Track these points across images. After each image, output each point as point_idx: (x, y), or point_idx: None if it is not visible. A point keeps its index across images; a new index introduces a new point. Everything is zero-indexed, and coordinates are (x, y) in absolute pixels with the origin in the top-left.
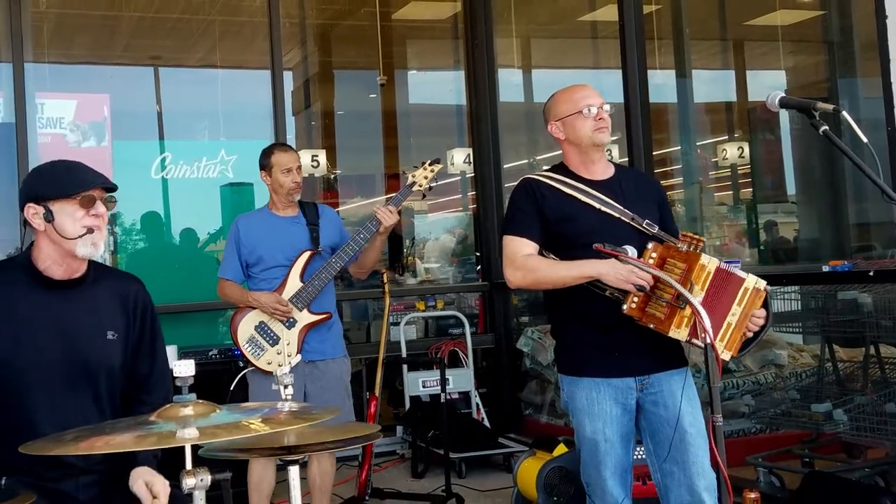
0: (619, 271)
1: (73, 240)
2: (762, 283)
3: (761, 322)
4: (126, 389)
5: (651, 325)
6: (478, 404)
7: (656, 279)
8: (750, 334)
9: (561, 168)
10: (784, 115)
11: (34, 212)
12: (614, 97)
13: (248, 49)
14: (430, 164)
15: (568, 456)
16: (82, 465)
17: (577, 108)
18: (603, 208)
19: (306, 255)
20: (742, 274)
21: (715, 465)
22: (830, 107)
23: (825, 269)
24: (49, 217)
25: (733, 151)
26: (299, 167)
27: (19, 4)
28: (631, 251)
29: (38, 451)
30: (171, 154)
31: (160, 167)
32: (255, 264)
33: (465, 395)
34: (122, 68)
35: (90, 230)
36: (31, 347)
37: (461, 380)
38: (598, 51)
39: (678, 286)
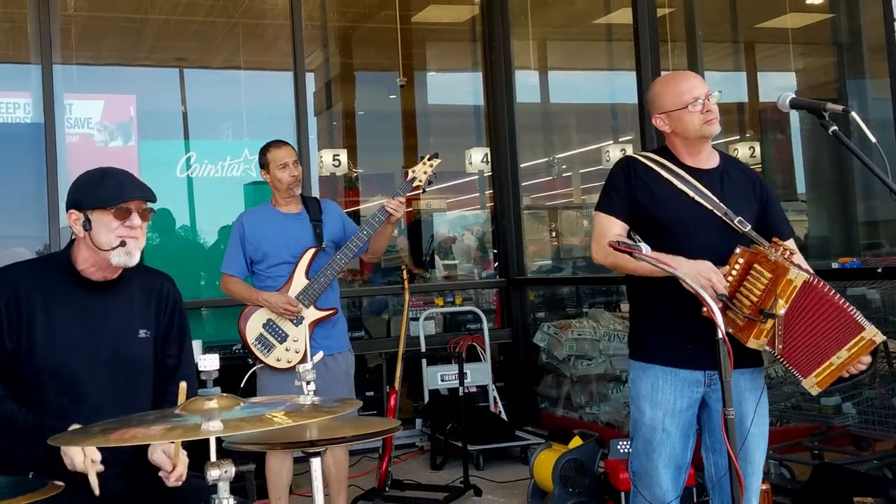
0: (698, 276)
1: (107, 251)
2: (880, 337)
3: (863, 368)
4: (155, 383)
5: (729, 330)
6: (495, 398)
7: (739, 286)
8: (846, 375)
9: (663, 151)
10: (794, 116)
11: (75, 218)
12: (629, 98)
13: (270, 51)
14: (429, 159)
15: (583, 448)
16: (109, 456)
17: (683, 101)
18: (696, 198)
19: (311, 252)
20: (864, 322)
21: (729, 458)
22: (840, 107)
23: (834, 265)
24: (87, 226)
25: (745, 151)
26: (296, 161)
27: (48, 8)
28: (645, 248)
29: (65, 443)
30: (195, 153)
31: (185, 166)
32: (261, 261)
33: (483, 389)
34: (148, 70)
35: (123, 242)
36: (66, 345)
37: (479, 374)
38: (612, 53)
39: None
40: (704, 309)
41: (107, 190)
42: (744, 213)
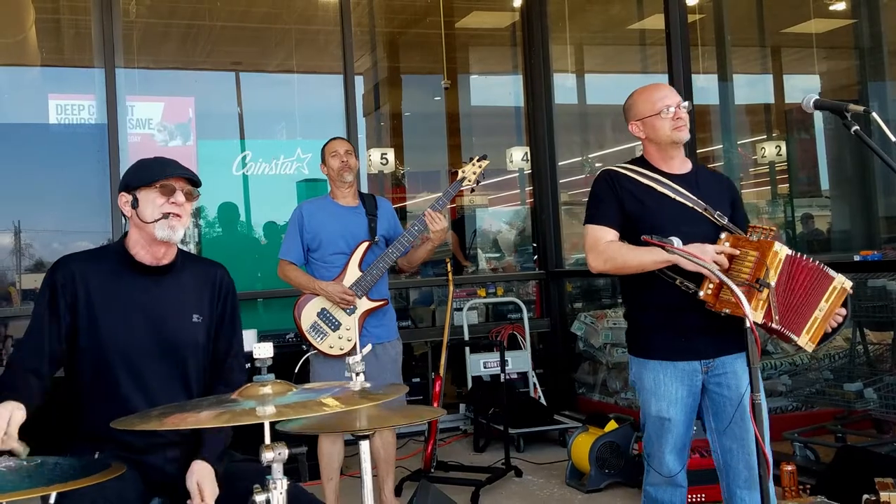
0: (704, 255)
1: (152, 223)
2: (848, 284)
3: (841, 319)
4: (207, 368)
5: (726, 311)
6: (535, 384)
7: (730, 264)
8: (829, 329)
9: (640, 161)
10: (818, 116)
11: (125, 200)
12: None
13: (322, 55)
14: (478, 160)
15: (618, 431)
16: (169, 440)
17: (656, 109)
18: (678, 198)
19: (364, 245)
20: (832, 273)
21: (755, 440)
22: (861, 108)
23: (856, 258)
24: (135, 204)
25: (771, 150)
26: (347, 151)
27: (111, 15)
28: (677, 242)
29: (127, 426)
30: (251, 152)
31: (241, 164)
32: (316, 249)
33: (523, 376)
34: (206, 73)
35: (165, 215)
36: (124, 328)
37: (519, 361)
38: (645, 56)
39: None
40: (701, 293)
41: (152, 169)
42: (720, 210)
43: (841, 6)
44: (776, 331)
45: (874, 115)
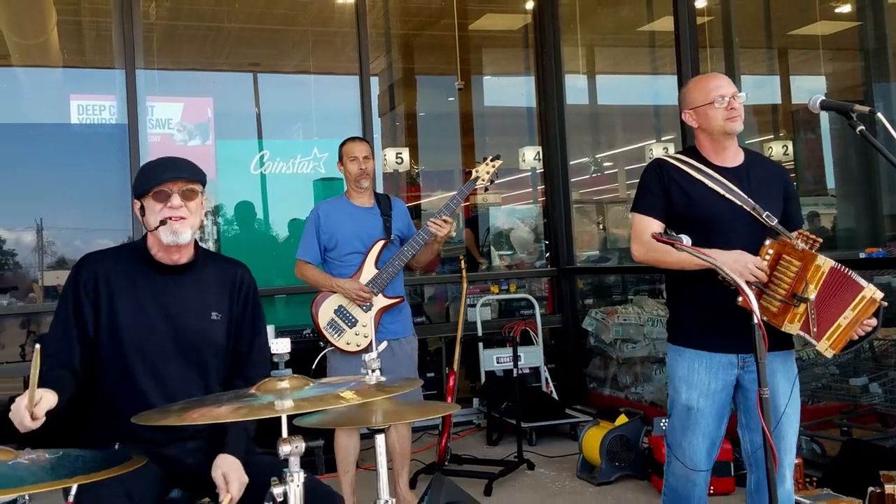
0: (735, 265)
1: (154, 231)
2: (879, 295)
3: (869, 329)
4: (229, 365)
5: (764, 318)
6: (547, 378)
7: (771, 276)
8: (856, 337)
9: (692, 152)
10: (824, 117)
11: (138, 207)
12: (670, 101)
13: (338, 57)
14: (491, 160)
15: (629, 425)
16: (189, 433)
17: (709, 98)
18: (726, 194)
19: (380, 243)
20: (862, 282)
21: (762, 432)
22: (866, 109)
23: (862, 255)
24: (143, 212)
25: (778, 149)
26: (366, 157)
27: (132, 17)
28: (686, 240)
29: (147, 421)
30: (268, 152)
31: (259, 164)
32: (333, 249)
33: (536, 370)
34: (225, 74)
35: (163, 221)
36: (145, 325)
37: (532, 356)
38: (655, 58)
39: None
40: (740, 298)
41: (146, 177)
42: (769, 208)
43: (846, 9)
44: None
45: (879, 115)
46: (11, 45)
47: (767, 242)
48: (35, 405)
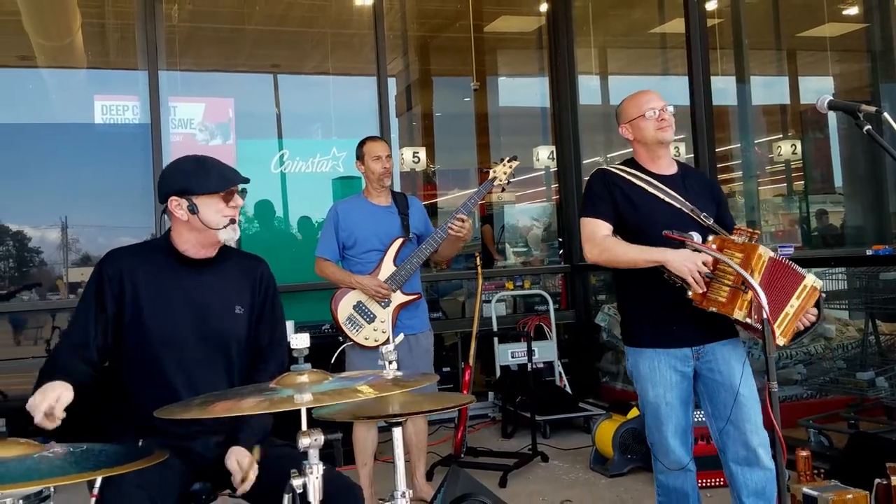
0: (684, 262)
1: (218, 229)
2: (819, 284)
3: (813, 319)
4: (248, 360)
5: (713, 309)
6: (560, 373)
7: (716, 265)
8: (801, 327)
9: (631, 163)
10: (832, 117)
11: (177, 204)
12: (681, 101)
13: (356, 58)
14: (508, 161)
15: (640, 418)
16: (211, 427)
17: (641, 111)
18: (667, 199)
19: (399, 241)
20: (802, 272)
21: (771, 426)
22: (873, 109)
23: (869, 252)
24: (193, 209)
25: (787, 148)
26: (388, 156)
27: (154, 19)
28: (696, 237)
29: (170, 415)
30: (288, 151)
31: (279, 163)
32: (351, 246)
33: (549, 365)
34: (245, 75)
35: (232, 220)
36: (169, 319)
37: (546, 351)
38: (666, 59)
39: (740, 269)
40: (689, 293)
41: (214, 178)
42: (706, 211)
43: (854, 11)
44: (752, 327)
45: (886, 115)
46: (37, 47)
47: (710, 238)
48: (51, 412)
